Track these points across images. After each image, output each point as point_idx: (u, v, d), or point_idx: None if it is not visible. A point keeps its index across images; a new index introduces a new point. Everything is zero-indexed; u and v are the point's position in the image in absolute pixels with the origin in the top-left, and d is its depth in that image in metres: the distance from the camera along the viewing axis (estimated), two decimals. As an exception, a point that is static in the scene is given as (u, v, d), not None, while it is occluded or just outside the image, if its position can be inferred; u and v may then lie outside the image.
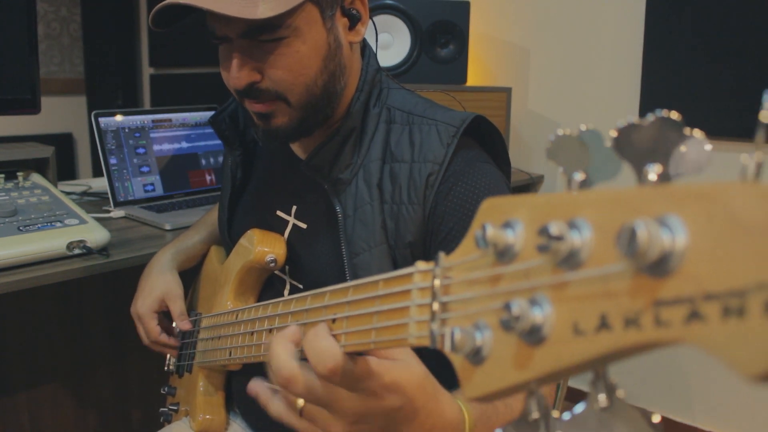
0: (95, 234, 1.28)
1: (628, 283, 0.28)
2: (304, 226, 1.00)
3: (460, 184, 0.88)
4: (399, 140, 0.92)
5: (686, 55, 2.21)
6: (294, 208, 1.02)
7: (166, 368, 1.21)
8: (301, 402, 0.57)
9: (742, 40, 2.09)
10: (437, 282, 0.41)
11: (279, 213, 1.03)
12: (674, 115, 0.29)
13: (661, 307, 0.26)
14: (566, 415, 0.30)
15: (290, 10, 0.81)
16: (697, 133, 0.28)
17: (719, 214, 0.25)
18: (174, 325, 1.13)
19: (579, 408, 0.30)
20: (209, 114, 1.11)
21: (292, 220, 1.01)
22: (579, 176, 0.32)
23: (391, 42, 2.29)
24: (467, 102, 2.23)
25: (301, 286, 1.01)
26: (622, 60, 2.38)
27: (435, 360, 0.57)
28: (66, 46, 4.20)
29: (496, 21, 2.71)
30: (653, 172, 0.29)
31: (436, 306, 0.40)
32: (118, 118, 1.74)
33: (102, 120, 1.71)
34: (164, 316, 1.17)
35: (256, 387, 0.64)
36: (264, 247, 1.00)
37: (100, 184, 1.85)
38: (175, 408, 1.19)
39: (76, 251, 1.25)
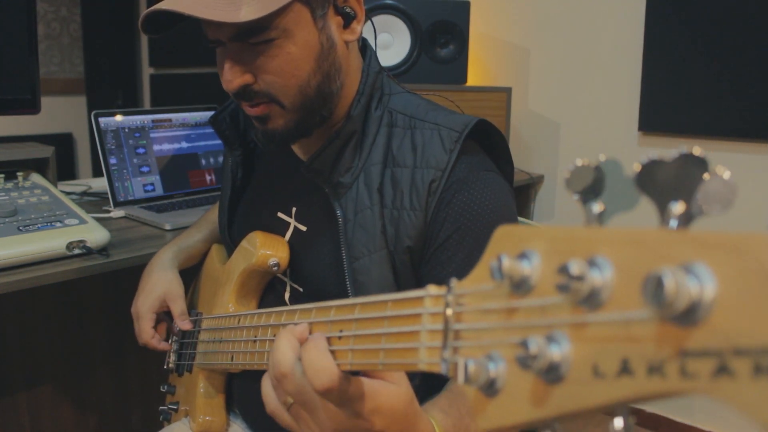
0: (95, 234, 1.28)
1: (653, 329, 0.27)
2: (304, 228, 1.00)
3: (463, 192, 0.87)
4: (401, 144, 0.91)
5: (686, 55, 2.21)
6: (294, 209, 1.01)
7: (165, 366, 1.20)
8: (290, 399, 0.58)
9: (742, 40, 2.09)
10: (449, 310, 0.40)
11: (280, 215, 1.03)
12: (697, 151, 0.28)
13: (688, 358, 0.25)
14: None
15: (277, 11, 0.80)
16: (722, 170, 0.28)
17: (750, 265, 0.24)
18: (174, 324, 1.13)
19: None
20: (209, 114, 1.11)
21: (293, 222, 1.01)
22: (597, 207, 0.32)
23: (391, 42, 2.28)
24: (467, 102, 2.23)
25: (301, 290, 1.00)
26: (622, 60, 2.38)
27: (419, 376, 0.59)
28: (66, 46, 4.19)
29: (496, 21, 2.70)
30: (676, 211, 0.28)
31: (449, 333, 0.40)
32: (118, 118, 1.74)
33: (102, 120, 1.70)
34: (165, 315, 1.17)
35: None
36: (267, 250, 0.99)
37: (100, 184, 1.84)
38: (175, 407, 1.19)
39: (76, 251, 1.24)
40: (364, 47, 0.98)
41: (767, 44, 2.05)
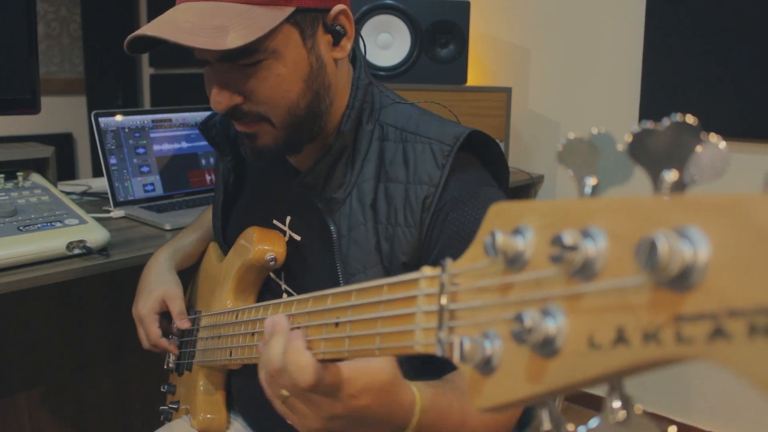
0: (95, 234, 1.28)
1: (647, 296, 0.27)
2: (297, 238, 0.99)
3: (457, 210, 0.87)
4: (393, 159, 0.91)
5: (686, 55, 2.20)
6: (288, 218, 1.01)
7: (165, 366, 1.20)
8: (285, 392, 0.61)
9: (742, 40, 2.09)
10: (445, 289, 0.40)
11: (275, 222, 1.03)
12: (690, 119, 0.28)
13: (683, 322, 0.25)
14: (581, 429, 0.29)
15: (266, 34, 0.79)
16: (714, 137, 0.28)
17: (743, 227, 0.24)
18: (173, 324, 1.13)
19: (594, 422, 0.29)
20: (209, 114, 1.11)
21: (288, 230, 1.01)
22: (591, 181, 0.32)
23: (391, 42, 2.28)
24: (467, 102, 2.23)
25: (295, 294, 1.00)
26: (622, 60, 2.38)
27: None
28: (66, 46, 4.19)
29: (496, 21, 2.70)
30: (669, 179, 0.28)
31: (444, 314, 0.40)
32: (118, 118, 1.74)
33: (102, 120, 1.70)
34: (163, 316, 1.16)
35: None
36: (264, 245, 0.99)
37: (100, 184, 1.84)
38: (175, 406, 1.19)
39: (76, 251, 1.24)
40: (354, 58, 0.97)
41: (767, 44, 2.05)
